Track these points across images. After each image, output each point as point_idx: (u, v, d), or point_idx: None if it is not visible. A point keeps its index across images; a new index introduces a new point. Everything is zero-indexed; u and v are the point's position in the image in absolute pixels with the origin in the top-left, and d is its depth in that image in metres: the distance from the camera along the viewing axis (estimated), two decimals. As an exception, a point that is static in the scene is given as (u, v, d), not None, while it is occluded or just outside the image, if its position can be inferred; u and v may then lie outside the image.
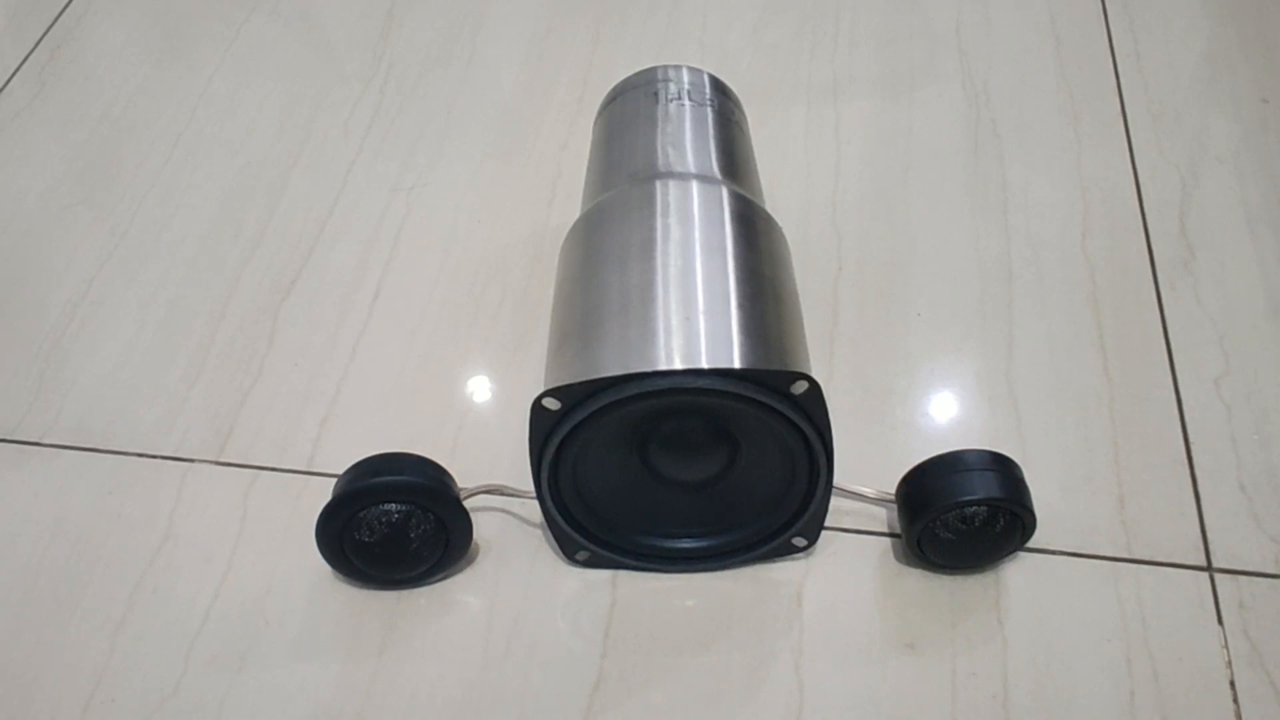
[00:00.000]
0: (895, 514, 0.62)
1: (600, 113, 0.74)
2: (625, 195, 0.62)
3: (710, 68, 0.74)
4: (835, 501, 0.60)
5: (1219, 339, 0.72)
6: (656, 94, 0.70)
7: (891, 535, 0.63)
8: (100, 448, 0.69)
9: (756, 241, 0.60)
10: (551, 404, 0.53)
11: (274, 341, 0.74)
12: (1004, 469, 0.58)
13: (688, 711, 0.57)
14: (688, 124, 0.68)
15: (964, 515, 0.57)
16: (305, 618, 0.61)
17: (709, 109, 0.70)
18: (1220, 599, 0.60)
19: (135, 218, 0.83)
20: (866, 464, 0.64)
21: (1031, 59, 0.91)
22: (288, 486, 0.67)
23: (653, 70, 0.72)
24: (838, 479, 0.58)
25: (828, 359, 0.71)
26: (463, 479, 0.61)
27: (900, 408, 0.69)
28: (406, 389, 0.71)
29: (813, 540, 0.61)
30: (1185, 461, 0.66)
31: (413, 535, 0.58)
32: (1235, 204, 0.80)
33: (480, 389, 0.72)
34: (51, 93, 0.94)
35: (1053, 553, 0.62)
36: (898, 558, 0.62)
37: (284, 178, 0.85)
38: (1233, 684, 0.57)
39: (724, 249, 0.59)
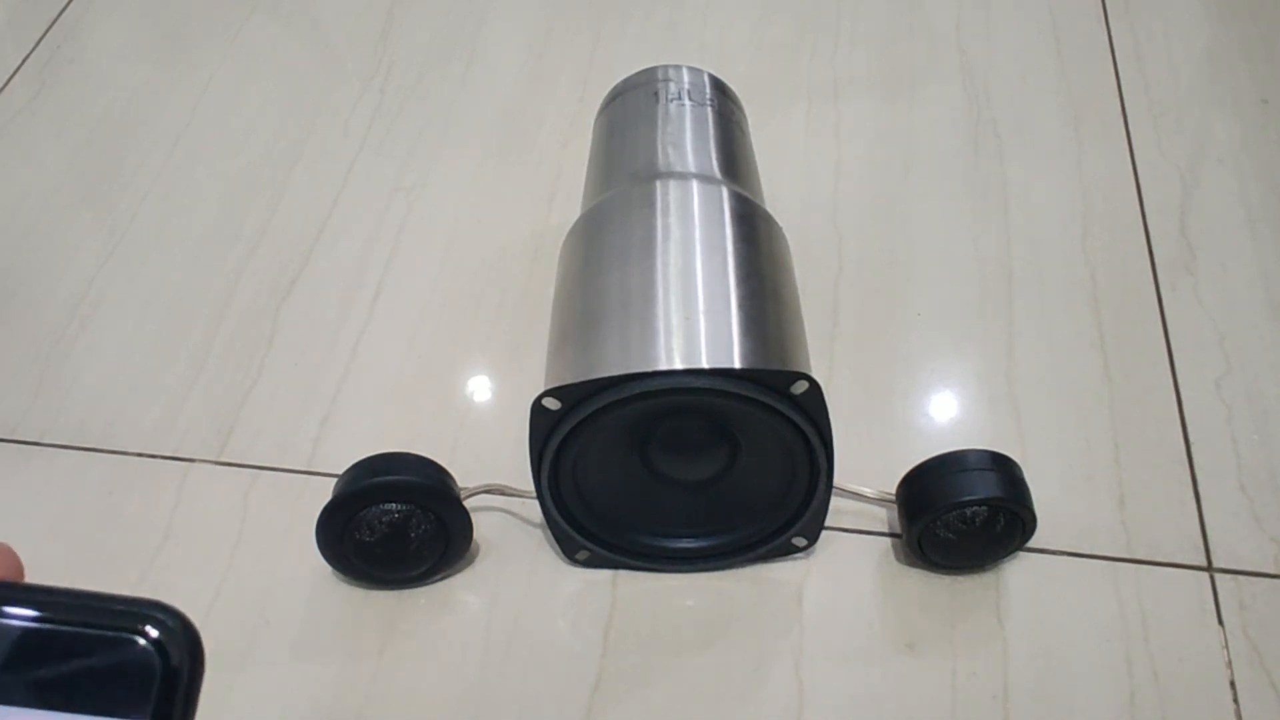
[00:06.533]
0: (895, 514, 0.62)
1: (600, 112, 0.74)
2: (625, 195, 0.62)
3: (710, 68, 0.74)
4: (835, 501, 0.59)
5: (1219, 339, 0.72)
6: (657, 94, 0.70)
7: (891, 535, 0.63)
8: (100, 448, 0.69)
9: (757, 241, 0.60)
10: (551, 404, 0.53)
11: (274, 341, 0.74)
12: (1004, 469, 0.58)
13: (688, 711, 0.57)
14: (688, 124, 0.68)
15: (964, 515, 0.57)
16: (305, 618, 0.61)
17: (709, 109, 0.70)
18: (1220, 599, 0.60)
19: (135, 218, 0.83)
20: (866, 464, 0.64)
21: (1031, 59, 0.91)
22: (288, 486, 0.67)
23: (653, 70, 0.72)
24: (838, 479, 0.58)
25: (828, 359, 0.71)
26: (463, 479, 0.61)
27: (900, 408, 0.69)
28: (406, 389, 0.71)
29: (813, 540, 0.61)
30: (1185, 461, 0.66)
31: (413, 535, 0.58)
32: (1235, 204, 0.80)
33: (480, 389, 0.72)
34: (51, 92, 0.94)
35: (1053, 553, 0.62)
36: (898, 558, 0.62)
37: (284, 177, 0.85)
38: (1233, 684, 0.57)
39: (724, 249, 0.59)
